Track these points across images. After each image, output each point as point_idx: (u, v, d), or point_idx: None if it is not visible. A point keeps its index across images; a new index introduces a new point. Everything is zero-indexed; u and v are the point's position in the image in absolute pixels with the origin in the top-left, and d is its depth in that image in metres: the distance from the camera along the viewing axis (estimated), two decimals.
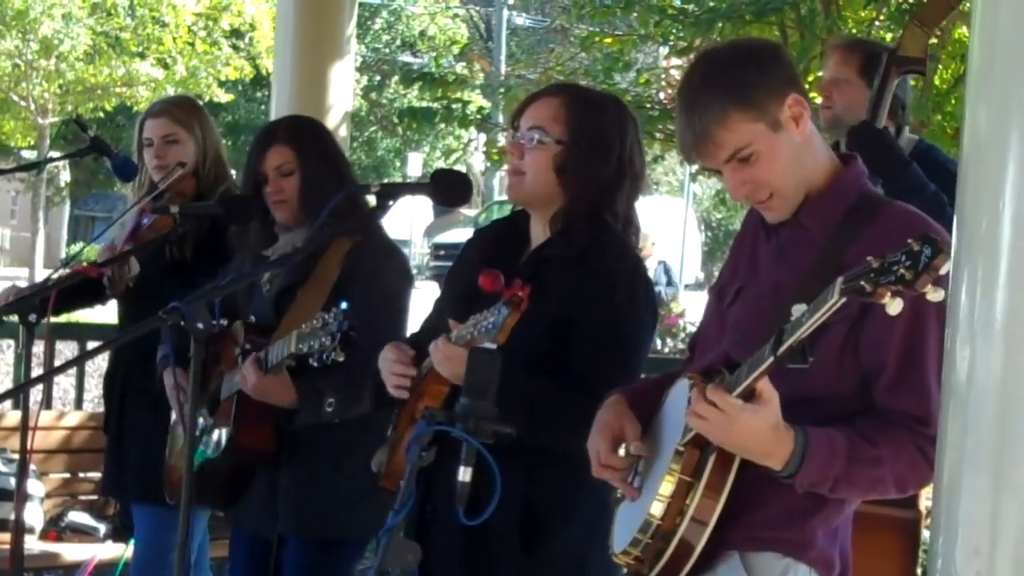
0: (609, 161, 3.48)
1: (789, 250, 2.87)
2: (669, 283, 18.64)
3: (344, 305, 3.61)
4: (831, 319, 2.47)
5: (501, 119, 11.11)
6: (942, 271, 2.35)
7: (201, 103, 5.54)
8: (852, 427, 2.71)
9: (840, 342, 2.73)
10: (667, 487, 2.76)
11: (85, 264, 4.64)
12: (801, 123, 2.80)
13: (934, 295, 2.37)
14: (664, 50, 10.67)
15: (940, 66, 7.86)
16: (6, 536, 4.32)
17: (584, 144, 3.47)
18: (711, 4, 8.50)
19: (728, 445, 2.69)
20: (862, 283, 2.39)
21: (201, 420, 4.17)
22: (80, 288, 4.70)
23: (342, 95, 6.92)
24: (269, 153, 4.18)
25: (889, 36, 8.43)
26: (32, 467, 6.01)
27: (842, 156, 2.95)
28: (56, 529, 6.09)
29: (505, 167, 3.70)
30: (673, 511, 2.75)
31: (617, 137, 3.51)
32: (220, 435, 4.08)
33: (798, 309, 2.50)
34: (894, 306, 2.39)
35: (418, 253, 29.34)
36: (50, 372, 5.08)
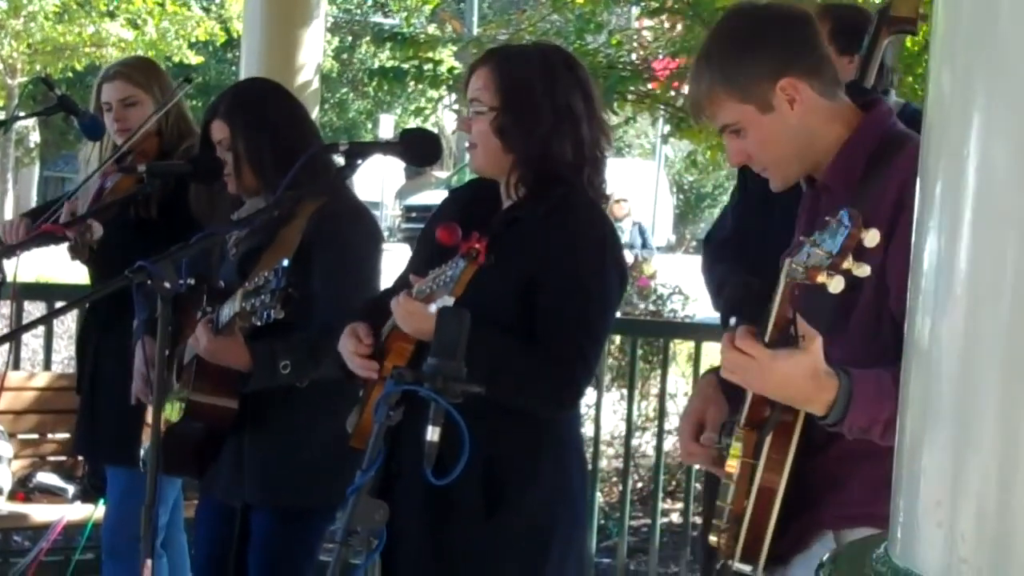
0: (541, 114, 3.45)
1: (823, 215, 2.82)
2: (644, 245, 18.64)
3: (285, 263, 3.59)
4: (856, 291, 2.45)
5: None
6: (867, 243, 2.35)
7: (172, 64, 5.51)
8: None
9: (872, 312, 2.71)
10: (734, 470, 2.74)
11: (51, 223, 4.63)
12: (796, 105, 2.78)
13: (859, 271, 2.38)
14: (636, 11, 10.63)
15: None
16: None
17: (514, 104, 3.46)
18: None
19: (766, 392, 2.64)
20: (794, 266, 2.40)
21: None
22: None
23: (312, 55, 6.90)
24: (212, 127, 4.18)
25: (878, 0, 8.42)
26: (0, 428, 6.00)
27: (867, 102, 2.92)
28: (24, 490, 6.08)
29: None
30: (740, 494, 2.73)
31: (546, 89, 3.47)
32: (180, 399, 4.07)
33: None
34: (834, 284, 2.40)
35: (390, 215, 29.31)
36: (17, 330, 5.08)
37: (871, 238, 2.40)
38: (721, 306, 4.71)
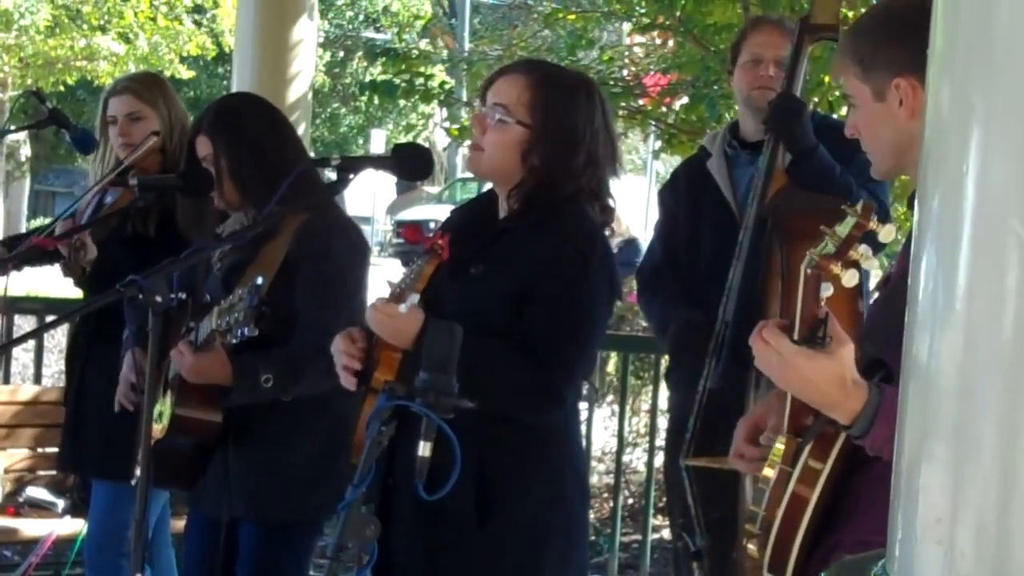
0: (578, 149, 3.46)
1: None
2: (627, 262, 18.51)
3: (259, 280, 3.60)
4: None
5: (464, 95, 11.07)
6: (881, 238, 2.33)
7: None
8: None
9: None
10: (771, 476, 2.68)
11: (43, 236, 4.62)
12: (905, 107, 2.69)
13: (867, 264, 2.35)
14: (627, 27, 10.63)
15: None
16: None
17: (551, 131, 3.45)
18: None
19: (788, 389, 2.60)
20: (811, 256, 2.38)
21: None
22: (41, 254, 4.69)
23: (304, 70, 6.89)
24: (197, 141, 4.18)
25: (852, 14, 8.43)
26: None
27: None
28: (14, 504, 6.07)
29: (467, 144, 3.71)
30: (774, 501, 2.67)
31: (586, 124, 3.48)
32: (164, 413, 4.06)
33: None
34: (847, 277, 2.37)
35: (381, 230, 29.31)
36: (7, 344, 5.06)
37: (885, 233, 2.37)
38: (668, 347, 4.74)
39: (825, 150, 4.47)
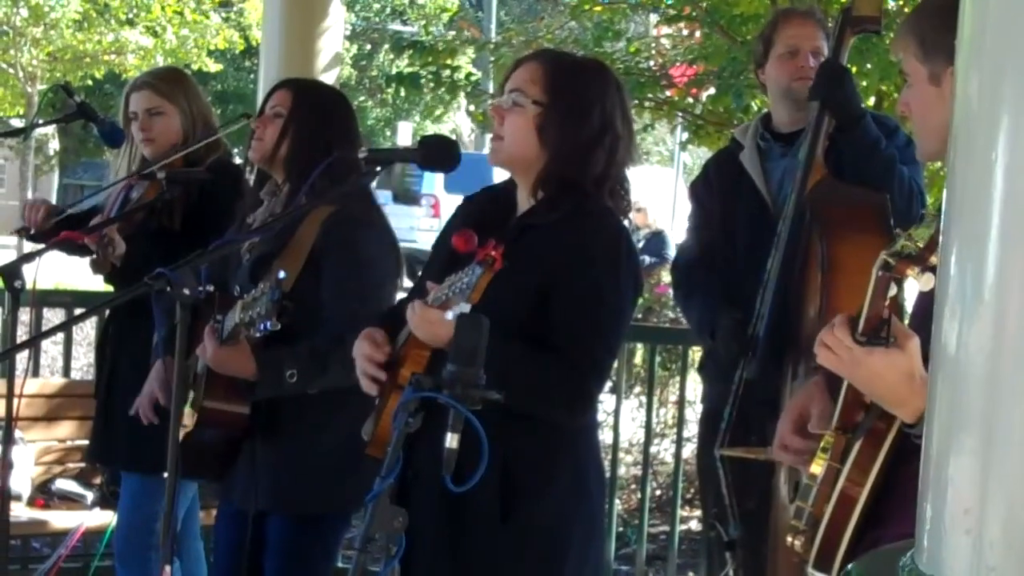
0: (589, 120, 3.45)
1: None
2: (659, 254, 18.48)
3: (281, 274, 3.60)
4: None
5: (491, 87, 11.06)
6: None
7: (191, 72, 5.52)
8: None
9: None
10: (818, 472, 2.68)
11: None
12: None
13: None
14: (654, 18, 10.62)
15: None
16: None
17: (562, 104, 3.45)
18: None
19: (856, 385, 2.59)
20: (886, 258, 2.37)
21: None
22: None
23: (331, 63, 6.89)
24: (275, 94, 4.25)
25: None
26: (19, 434, 6.01)
27: None
28: (44, 496, 6.10)
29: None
30: (822, 497, 2.68)
31: (597, 98, 3.48)
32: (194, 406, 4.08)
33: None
34: (923, 281, 2.37)
35: None
36: (36, 337, 5.07)
37: None
38: (719, 347, 4.68)
39: (872, 122, 4.45)
